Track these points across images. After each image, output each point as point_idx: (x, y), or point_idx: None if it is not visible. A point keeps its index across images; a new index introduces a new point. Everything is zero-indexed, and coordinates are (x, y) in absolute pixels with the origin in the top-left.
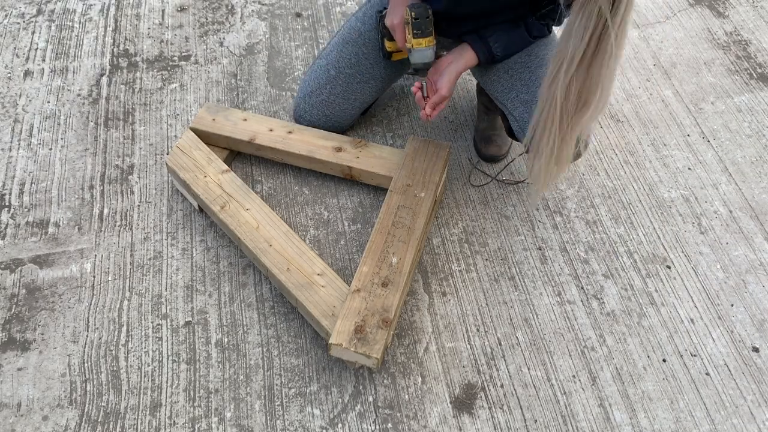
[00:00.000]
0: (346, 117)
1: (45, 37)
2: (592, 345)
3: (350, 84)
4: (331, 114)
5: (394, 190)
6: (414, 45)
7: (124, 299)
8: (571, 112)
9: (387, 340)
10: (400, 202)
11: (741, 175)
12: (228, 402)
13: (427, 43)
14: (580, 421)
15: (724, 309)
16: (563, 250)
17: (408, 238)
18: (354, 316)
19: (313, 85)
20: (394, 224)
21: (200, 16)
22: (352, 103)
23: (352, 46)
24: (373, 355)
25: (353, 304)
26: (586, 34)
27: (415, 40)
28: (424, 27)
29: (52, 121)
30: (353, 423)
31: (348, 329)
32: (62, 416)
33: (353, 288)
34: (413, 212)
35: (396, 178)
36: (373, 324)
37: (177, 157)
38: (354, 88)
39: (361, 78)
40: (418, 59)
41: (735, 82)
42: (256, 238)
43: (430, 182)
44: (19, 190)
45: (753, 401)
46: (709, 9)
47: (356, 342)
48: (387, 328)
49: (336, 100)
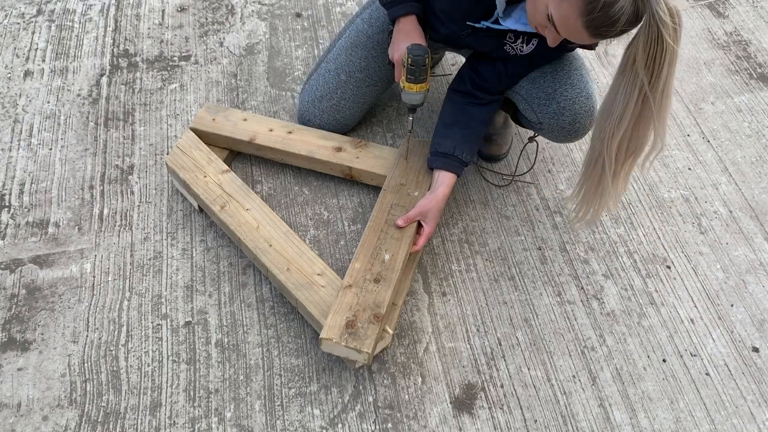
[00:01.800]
0: (354, 119)
1: (45, 37)
2: (592, 345)
3: (360, 88)
4: (341, 117)
5: (387, 188)
6: (405, 88)
7: (124, 299)
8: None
9: (378, 335)
10: (394, 200)
11: (741, 175)
12: (228, 402)
13: (418, 89)
14: (580, 421)
15: (724, 309)
16: (563, 250)
17: (401, 236)
18: (345, 311)
19: (323, 90)
20: (387, 222)
21: (200, 16)
22: (361, 106)
23: (362, 50)
24: (363, 349)
25: (345, 300)
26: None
27: (407, 84)
28: (418, 74)
29: (52, 121)
30: (353, 423)
31: (339, 324)
32: (62, 416)
33: (345, 284)
34: (406, 210)
35: (390, 177)
36: (365, 319)
37: (177, 157)
38: (364, 92)
39: (370, 81)
40: (407, 101)
41: (735, 82)
42: (256, 238)
43: (424, 181)
44: (19, 190)
45: (753, 401)
46: (709, 9)
47: (347, 337)
48: (378, 323)
49: (347, 104)
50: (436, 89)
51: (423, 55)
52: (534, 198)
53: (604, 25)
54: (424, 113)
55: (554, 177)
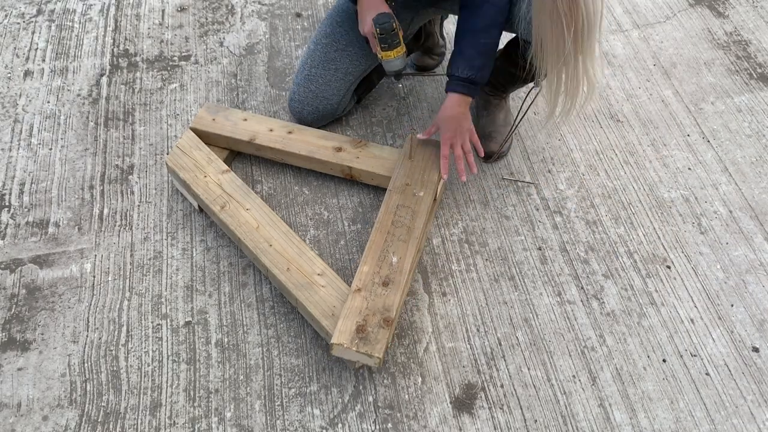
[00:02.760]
0: (333, 91)
1: (45, 37)
2: (592, 345)
3: (328, 53)
4: (317, 90)
5: (393, 189)
6: (383, 57)
7: (124, 299)
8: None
9: (388, 339)
10: (400, 201)
11: (741, 175)
12: (228, 402)
13: (395, 54)
14: (580, 421)
15: (724, 309)
16: (563, 250)
17: (408, 237)
18: (355, 315)
19: (299, 67)
20: (394, 223)
21: (200, 16)
22: (334, 74)
23: (327, 19)
24: (375, 354)
25: (354, 304)
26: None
27: (383, 53)
28: (390, 40)
29: (52, 121)
30: (353, 423)
31: (350, 329)
32: (62, 416)
33: (354, 288)
34: (413, 211)
35: (394, 178)
36: (375, 323)
37: (177, 157)
38: (332, 57)
39: (337, 46)
40: (388, 68)
41: (735, 82)
42: (256, 238)
43: (429, 181)
44: (19, 190)
45: (753, 401)
46: (709, 9)
47: (358, 341)
48: (388, 327)
49: (318, 72)
50: (436, 89)
51: (389, 21)
52: (534, 198)
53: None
54: (423, 113)
55: (554, 177)
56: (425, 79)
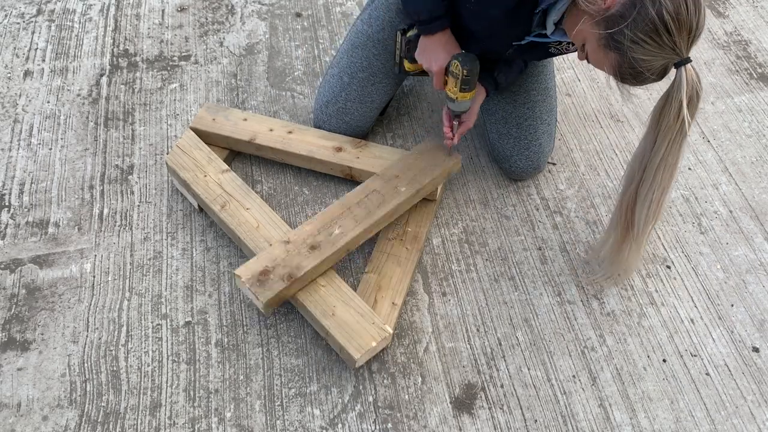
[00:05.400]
0: (365, 120)
1: (45, 37)
2: (592, 345)
3: (365, 87)
4: (350, 120)
5: (380, 174)
6: (459, 98)
7: (124, 299)
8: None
9: (283, 294)
10: (378, 187)
11: (741, 175)
12: (228, 402)
13: (471, 96)
14: (580, 421)
15: (724, 309)
16: (563, 250)
17: (361, 219)
18: (268, 260)
19: (329, 95)
20: (359, 204)
21: (200, 16)
22: (368, 106)
23: (362, 50)
24: (260, 298)
25: (275, 251)
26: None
27: (461, 94)
28: (472, 83)
29: (52, 121)
30: (353, 423)
31: (255, 269)
32: (62, 416)
33: (285, 238)
34: (383, 200)
35: (389, 166)
36: (279, 274)
37: (177, 156)
38: (369, 91)
39: (374, 80)
40: (457, 109)
41: (735, 82)
42: (256, 238)
43: (416, 182)
44: (19, 190)
45: (753, 401)
46: (709, 9)
47: (254, 281)
48: (288, 283)
49: (353, 106)
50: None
51: (477, 64)
52: (534, 198)
53: (632, 82)
54: (423, 113)
55: (554, 177)
56: (425, 79)
